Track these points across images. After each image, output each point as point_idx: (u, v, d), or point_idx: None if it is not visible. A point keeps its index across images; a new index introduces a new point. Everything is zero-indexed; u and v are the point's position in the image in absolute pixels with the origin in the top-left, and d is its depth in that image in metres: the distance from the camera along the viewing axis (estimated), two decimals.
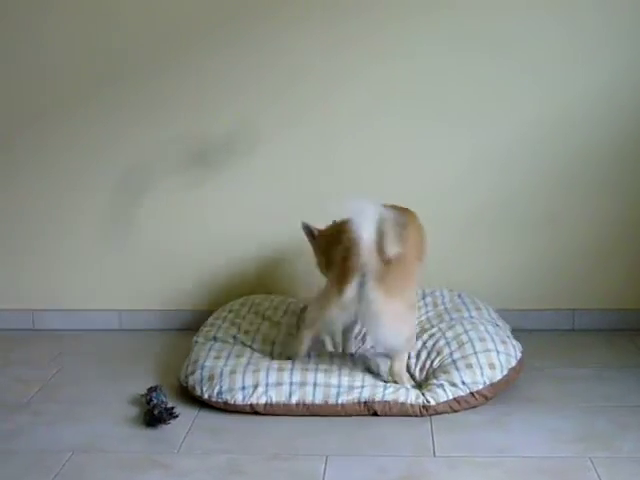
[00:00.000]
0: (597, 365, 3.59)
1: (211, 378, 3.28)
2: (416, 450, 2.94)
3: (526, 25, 3.78)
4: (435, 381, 3.25)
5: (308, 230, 3.55)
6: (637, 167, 3.87)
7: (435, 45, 3.81)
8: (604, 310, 3.96)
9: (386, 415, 3.18)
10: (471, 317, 3.60)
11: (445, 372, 3.28)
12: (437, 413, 3.18)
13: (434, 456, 2.90)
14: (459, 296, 3.82)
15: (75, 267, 4.13)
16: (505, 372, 3.31)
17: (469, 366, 3.28)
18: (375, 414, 3.18)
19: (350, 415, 3.18)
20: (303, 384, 3.21)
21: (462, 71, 3.83)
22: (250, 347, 3.54)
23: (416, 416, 3.17)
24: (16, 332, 4.14)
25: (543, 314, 3.98)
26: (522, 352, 3.45)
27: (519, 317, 3.84)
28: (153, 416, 3.12)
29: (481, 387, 3.24)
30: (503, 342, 3.43)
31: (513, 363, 3.36)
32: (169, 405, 3.17)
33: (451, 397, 3.20)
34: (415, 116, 3.88)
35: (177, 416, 3.13)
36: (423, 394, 3.20)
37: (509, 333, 3.56)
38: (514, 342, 3.48)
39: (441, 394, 3.20)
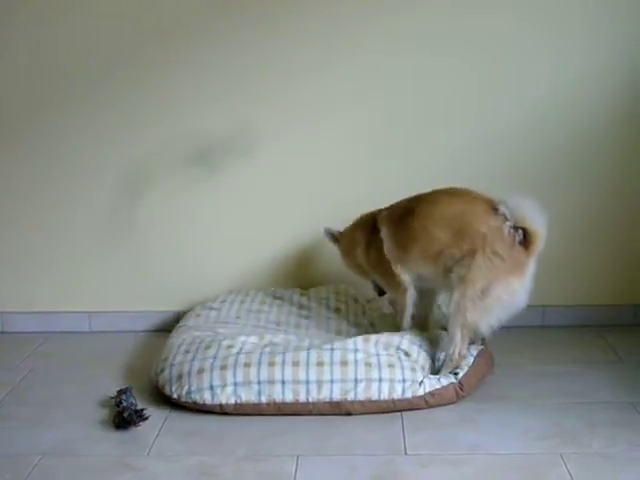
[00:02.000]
0: (567, 361, 3.61)
1: (179, 377, 3.26)
2: (387, 449, 2.94)
3: (483, 29, 3.82)
4: (420, 370, 3.26)
5: None
6: (603, 165, 3.90)
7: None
8: (573, 306, 3.99)
9: (360, 414, 3.18)
10: None
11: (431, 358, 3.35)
12: (409, 405, 3.19)
13: (405, 454, 2.90)
14: None
15: (44, 269, 4.09)
16: (470, 367, 3.34)
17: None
18: (348, 412, 3.18)
19: (323, 414, 3.18)
20: (271, 382, 3.19)
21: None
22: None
23: (390, 412, 3.18)
24: None
25: None
26: (484, 348, 3.48)
27: None
28: (123, 418, 3.10)
29: (453, 381, 3.26)
30: None
31: (471, 360, 3.37)
32: (139, 407, 3.15)
33: (428, 391, 3.21)
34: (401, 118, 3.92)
35: (147, 418, 3.12)
36: (404, 383, 3.19)
37: None
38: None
39: (419, 389, 3.20)
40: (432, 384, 3.23)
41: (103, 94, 3.92)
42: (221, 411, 3.19)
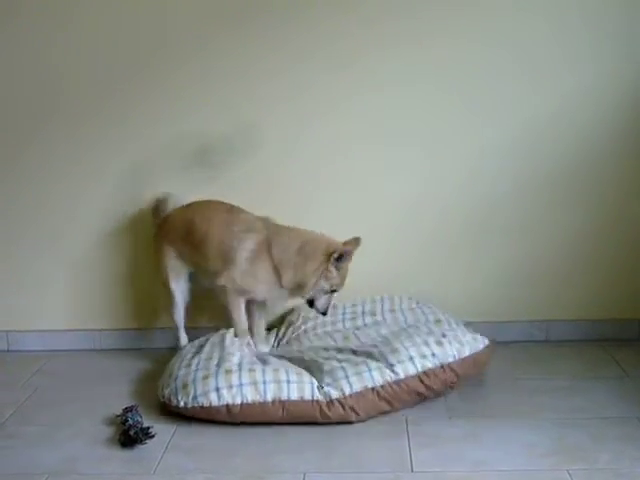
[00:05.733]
0: (572, 376, 3.60)
1: (185, 386, 3.29)
2: (394, 466, 2.94)
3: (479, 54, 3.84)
4: (405, 352, 3.32)
5: None
6: (606, 181, 3.90)
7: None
8: (577, 321, 3.99)
9: (366, 415, 3.23)
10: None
11: (414, 344, 3.38)
12: (408, 389, 3.27)
13: (412, 471, 2.89)
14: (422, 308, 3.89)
15: (49, 287, 4.09)
16: (473, 351, 3.41)
17: (439, 343, 3.39)
18: (352, 409, 3.21)
19: (328, 418, 3.21)
20: (277, 381, 3.25)
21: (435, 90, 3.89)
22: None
23: (388, 402, 3.26)
24: None
25: (517, 325, 4.00)
26: (491, 343, 3.53)
27: (494, 329, 3.84)
28: (129, 437, 3.10)
29: (451, 360, 3.34)
30: (470, 333, 3.55)
31: (480, 347, 3.46)
32: (145, 425, 3.16)
33: (420, 370, 3.28)
34: (398, 124, 3.92)
35: (153, 436, 3.12)
36: (392, 367, 3.27)
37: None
38: (480, 336, 3.54)
39: (410, 367, 3.28)
40: (424, 364, 3.32)
41: (105, 99, 3.93)
42: (228, 413, 3.21)
